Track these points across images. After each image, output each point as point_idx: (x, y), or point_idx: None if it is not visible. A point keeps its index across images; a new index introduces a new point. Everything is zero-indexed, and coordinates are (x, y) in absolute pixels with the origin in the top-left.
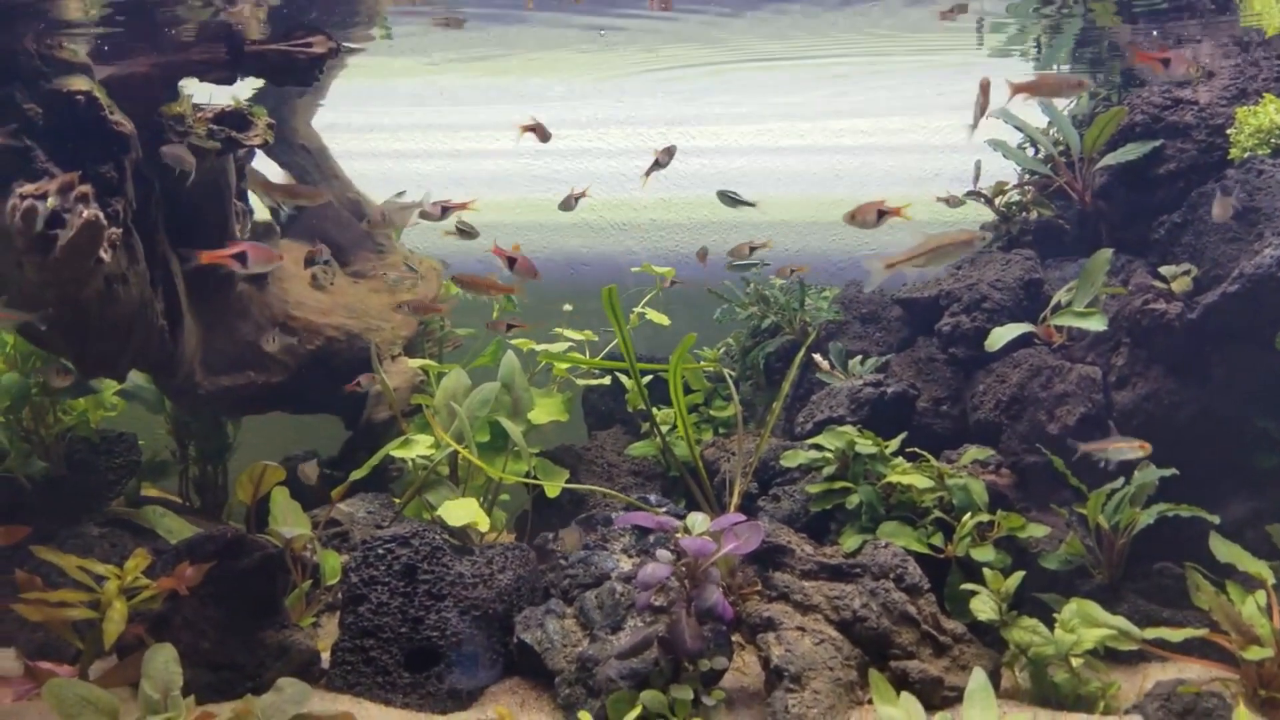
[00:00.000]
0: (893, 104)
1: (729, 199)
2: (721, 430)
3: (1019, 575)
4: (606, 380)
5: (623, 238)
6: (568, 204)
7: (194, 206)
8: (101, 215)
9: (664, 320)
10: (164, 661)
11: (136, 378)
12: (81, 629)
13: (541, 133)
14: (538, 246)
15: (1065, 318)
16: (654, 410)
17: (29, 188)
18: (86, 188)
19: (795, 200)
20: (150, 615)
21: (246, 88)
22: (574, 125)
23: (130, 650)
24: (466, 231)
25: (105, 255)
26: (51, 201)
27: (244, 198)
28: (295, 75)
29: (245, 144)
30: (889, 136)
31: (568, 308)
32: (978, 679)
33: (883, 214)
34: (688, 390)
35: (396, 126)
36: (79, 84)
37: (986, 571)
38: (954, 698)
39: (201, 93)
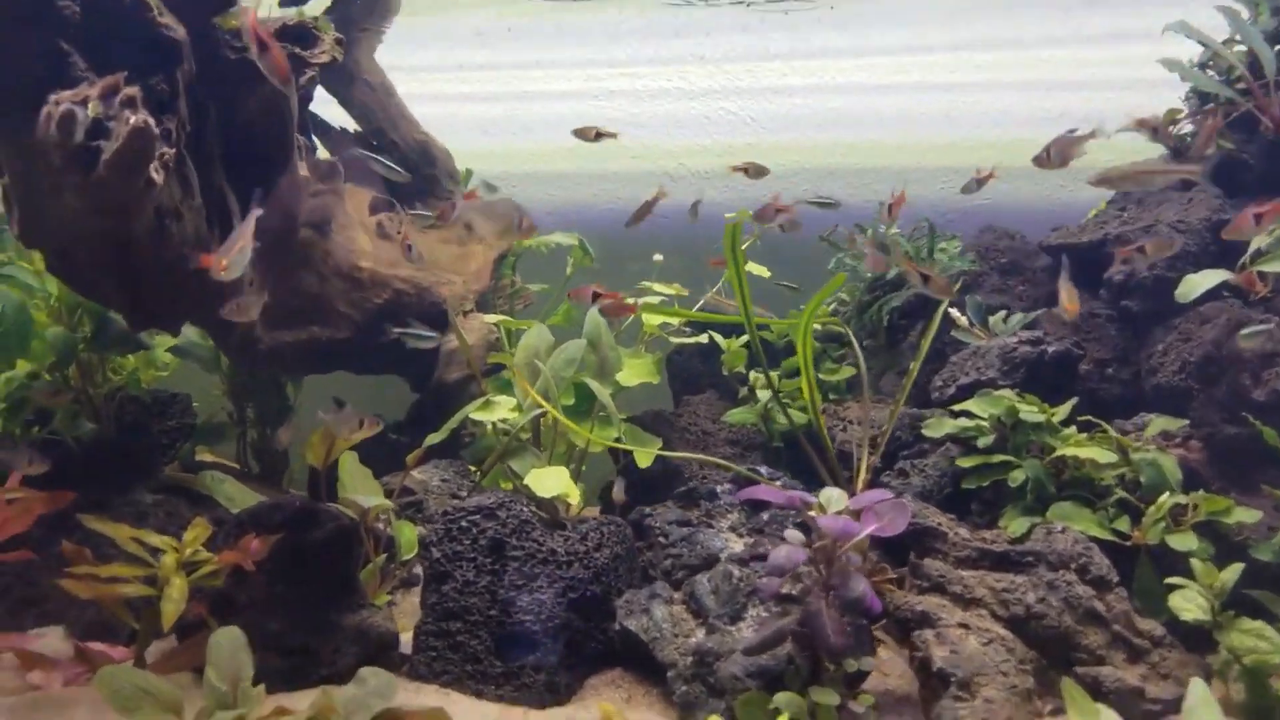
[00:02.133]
0: (1011, 35)
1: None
2: (832, 396)
3: (1237, 568)
4: (703, 338)
5: (704, 187)
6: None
7: (253, 137)
8: (152, 122)
9: (764, 272)
10: (232, 648)
11: (190, 333)
12: (137, 606)
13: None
14: (611, 197)
15: (1273, 263)
16: (752, 374)
17: (65, 94)
18: (134, 90)
19: (901, 144)
20: (212, 593)
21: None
22: (654, 63)
23: (191, 631)
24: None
25: (156, 176)
26: (93, 108)
27: (307, 132)
28: None
29: (310, 63)
30: (1007, 72)
31: (658, 257)
32: (1197, 692)
33: None
34: (791, 352)
35: (459, 66)
36: None
37: (1196, 563)
38: (1156, 712)
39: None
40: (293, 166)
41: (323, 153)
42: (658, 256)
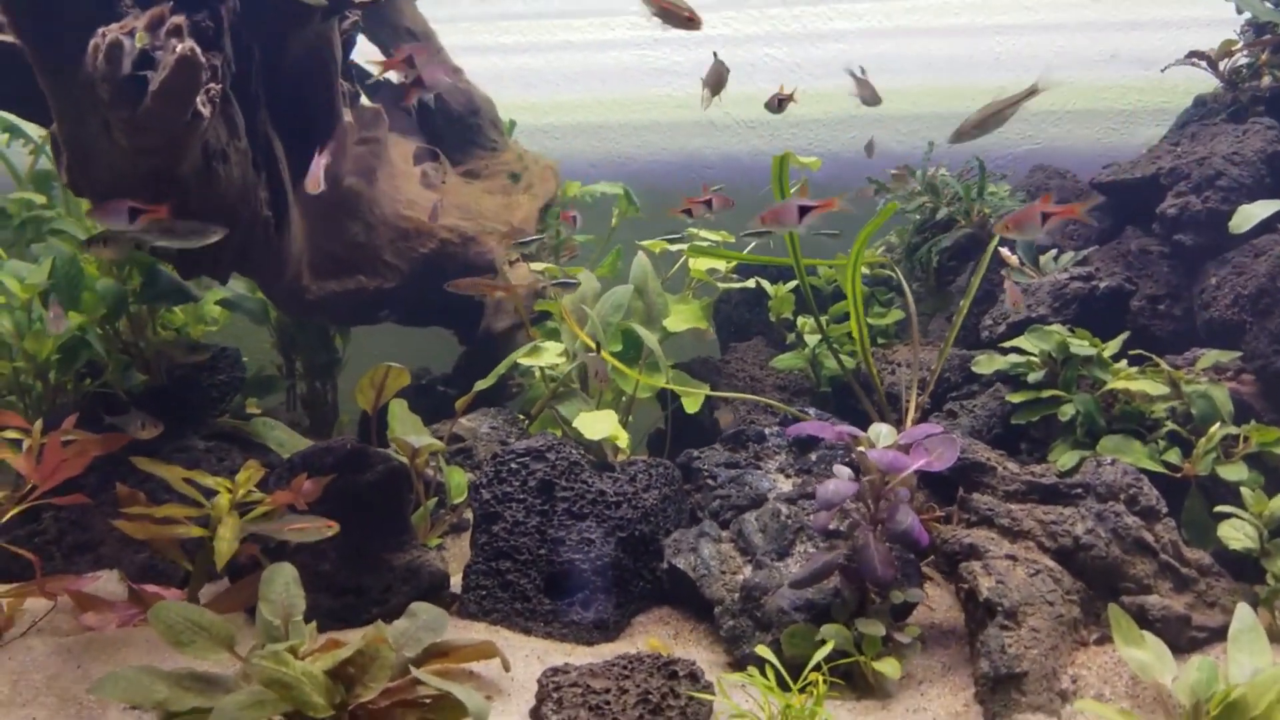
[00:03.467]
0: None
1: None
2: (880, 340)
3: None
4: (751, 283)
5: (749, 136)
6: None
7: (298, 82)
8: (199, 51)
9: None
10: (284, 583)
11: (238, 286)
12: (190, 549)
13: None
14: (656, 147)
15: None
16: (800, 319)
17: (113, 26)
18: (180, 19)
19: (950, 89)
20: (264, 536)
21: None
22: (699, 9)
23: (244, 572)
24: None
25: (204, 109)
26: (140, 38)
27: (350, 78)
28: None
29: (355, 1)
30: (1057, 13)
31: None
32: (1244, 617)
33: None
34: (839, 296)
35: (501, 16)
36: None
37: (1245, 492)
38: (1202, 639)
39: None
40: (338, 112)
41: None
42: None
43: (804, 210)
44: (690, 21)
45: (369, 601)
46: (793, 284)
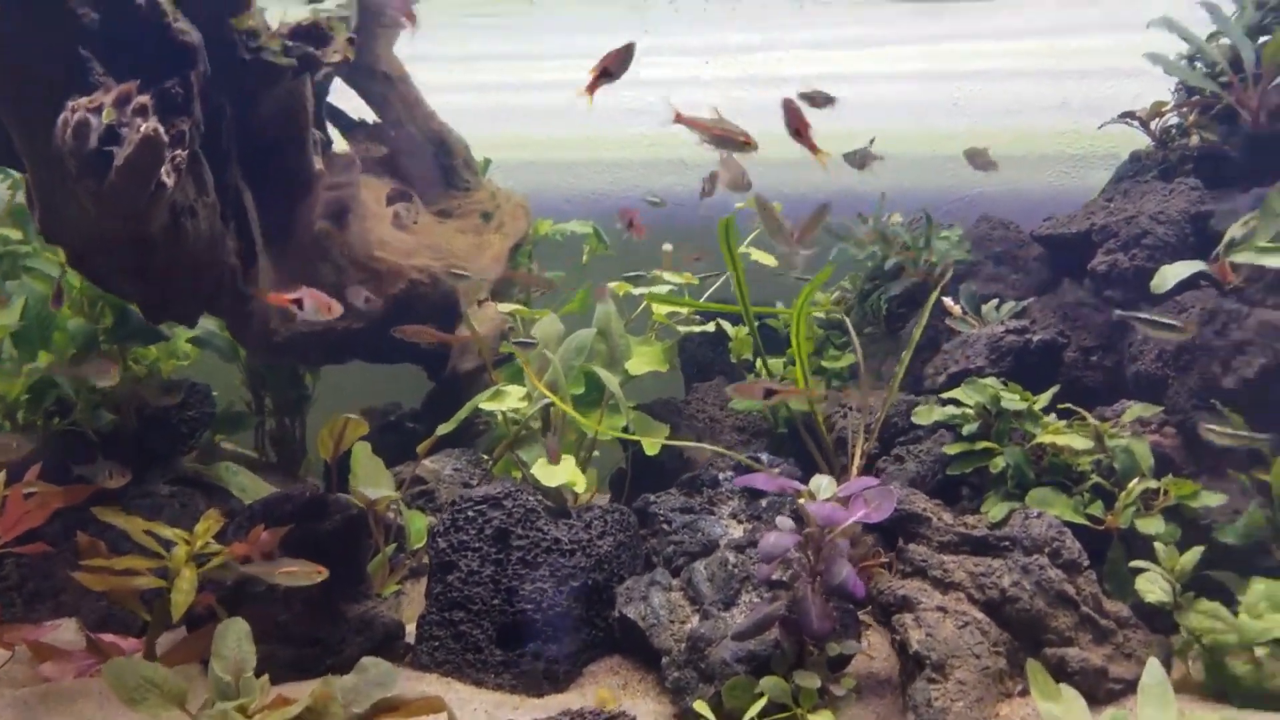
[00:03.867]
0: (1020, 26)
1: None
2: (835, 383)
3: (1196, 551)
4: (710, 326)
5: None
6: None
7: (269, 135)
8: (162, 130)
9: (771, 260)
10: (236, 639)
11: (209, 324)
12: (148, 598)
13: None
14: (628, 185)
15: (1245, 254)
16: (760, 360)
17: (82, 101)
18: (145, 98)
19: (909, 133)
20: (223, 583)
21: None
22: (667, 52)
23: (201, 622)
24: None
25: (167, 180)
26: (108, 114)
27: (323, 126)
28: None
29: (324, 62)
30: (1015, 60)
31: (667, 247)
32: (1153, 672)
33: None
34: None
35: (475, 56)
36: None
37: (1158, 547)
38: (1119, 691)
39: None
40: (309, 161)
41: (341, 144)
42: (667, 246)
43: (769, 392)
44: (746, 145)
45: (325, 652)
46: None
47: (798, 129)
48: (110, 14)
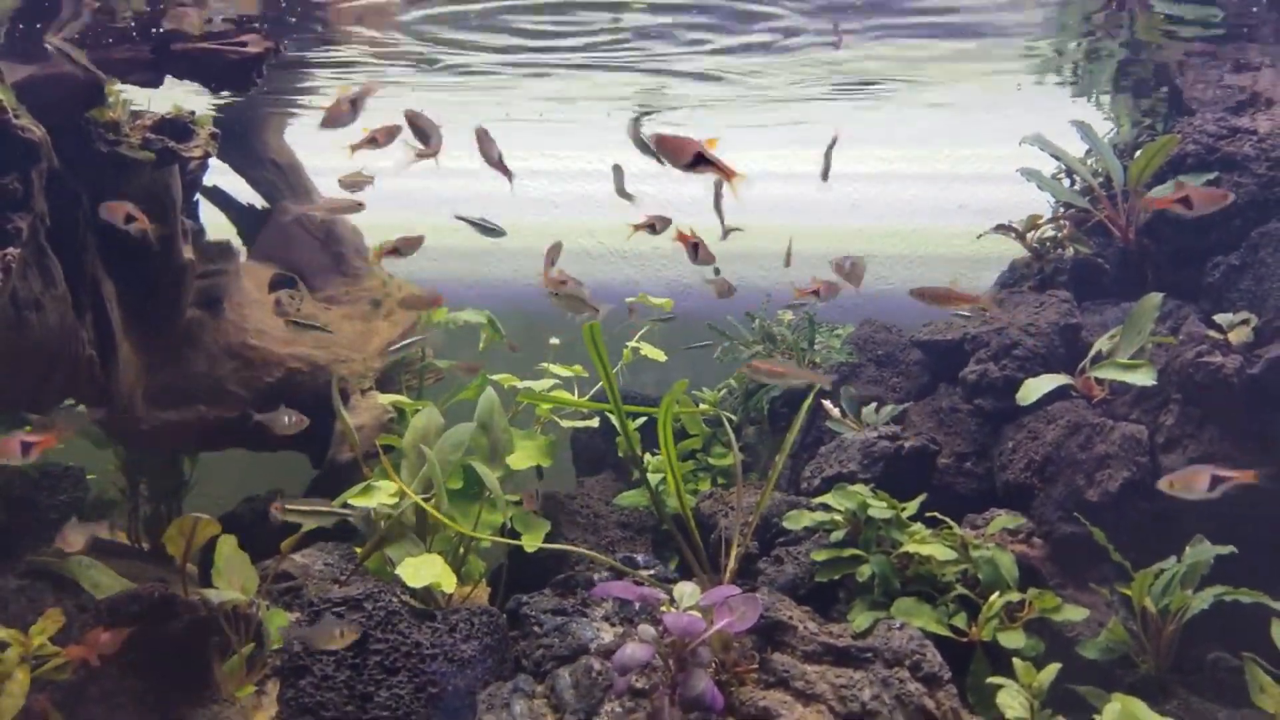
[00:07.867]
0: (914, 133)
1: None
2: (721, 480)
3: (1053, 668)
4: (595, 422)
5: (623, 266)
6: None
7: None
8: None
9: (660, 356)
10: None
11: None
12: None
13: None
14: (532, 273)
15: (1108, 370)
16: (647, 456)
17: None
18: None
19: (808, 231)
20: (65, 686)
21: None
22: (574, 146)
23: None
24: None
25: None
26: None
27: (194, 214)
28: (228, 78)
29: (185, 155)
30: (910, 165)
31: (554, 341)
32: None
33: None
34: (685, 435)
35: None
36: None
37: (1017, 662)
38: None
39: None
40: (177, 250)
41: (228, 227)
42: (554, 340)
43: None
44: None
45: None
46: (640, 421)
47: (699, 155)
48: None
